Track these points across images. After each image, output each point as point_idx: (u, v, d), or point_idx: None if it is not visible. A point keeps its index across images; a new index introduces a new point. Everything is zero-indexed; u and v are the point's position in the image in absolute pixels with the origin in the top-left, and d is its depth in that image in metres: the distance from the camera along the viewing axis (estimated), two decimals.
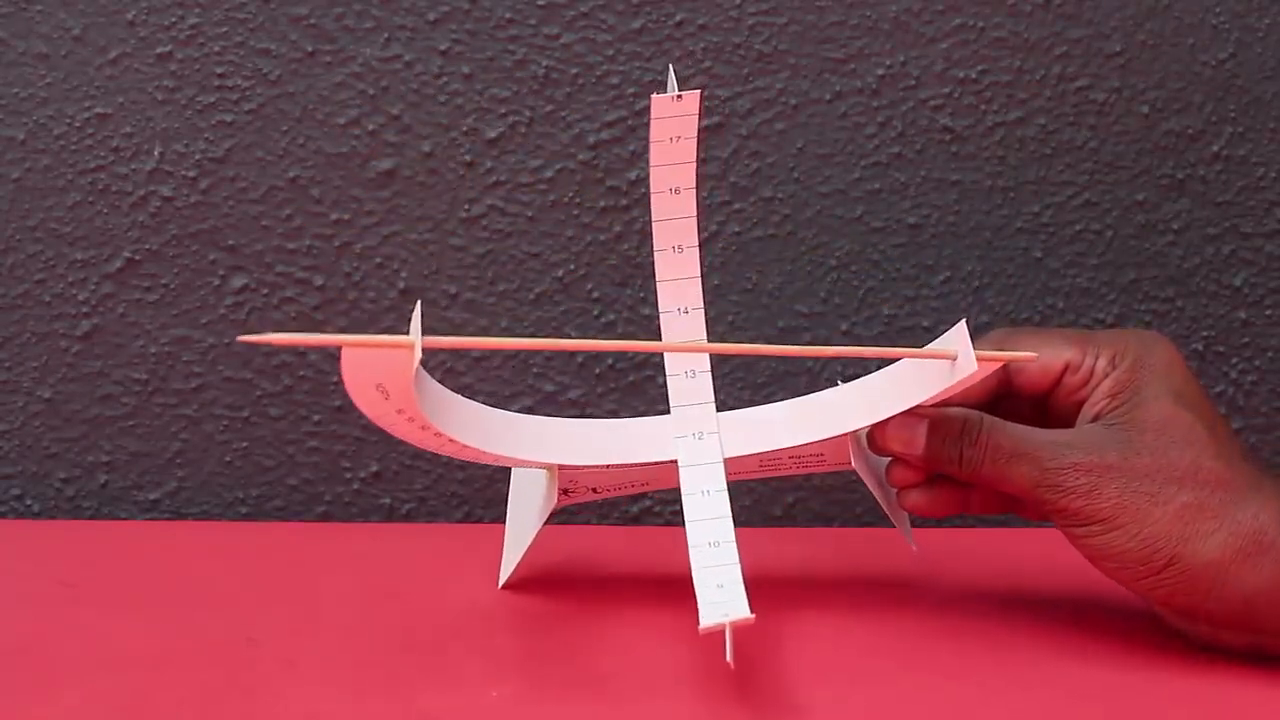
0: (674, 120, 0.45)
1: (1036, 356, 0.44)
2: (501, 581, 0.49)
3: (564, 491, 0.47)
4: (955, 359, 0.43)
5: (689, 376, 0.47)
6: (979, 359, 0.42)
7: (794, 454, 0.47)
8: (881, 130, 0.60)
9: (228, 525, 0.60)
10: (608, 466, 0.46)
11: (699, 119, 0.45)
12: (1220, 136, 0.61)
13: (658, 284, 0.47)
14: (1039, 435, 0.43)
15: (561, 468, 0.46)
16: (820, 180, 0.60)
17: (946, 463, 0.44)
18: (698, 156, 0.46)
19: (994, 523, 0.62)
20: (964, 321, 0.43)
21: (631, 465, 0.46)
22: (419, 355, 0.36)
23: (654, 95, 0.45)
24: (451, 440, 0.41)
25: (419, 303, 0.40)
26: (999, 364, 0.43)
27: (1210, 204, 0.61)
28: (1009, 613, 0.48)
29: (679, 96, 0.45)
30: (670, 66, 0.47)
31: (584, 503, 0.47)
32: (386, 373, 0.36)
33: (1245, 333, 0.62)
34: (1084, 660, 0.44)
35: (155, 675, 0.41)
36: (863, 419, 0.46)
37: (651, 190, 0.46)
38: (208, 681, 0.41)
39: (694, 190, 0.46)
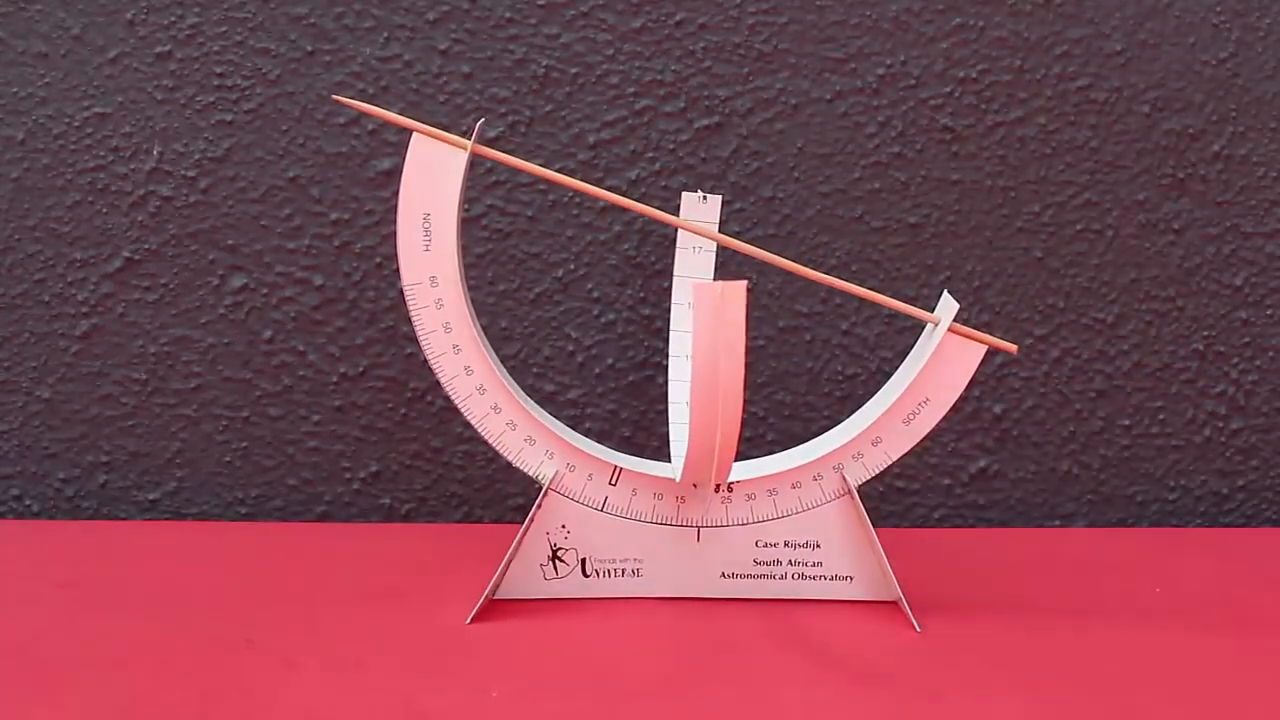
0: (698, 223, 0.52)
1: (1016, 349, 0.48)
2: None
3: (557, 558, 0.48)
4: (937, 323, 0.47)
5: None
6: (958, 331, 0.47)
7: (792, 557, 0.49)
8: (881, 130, 0.60)
9: (228, 525, 0.60)
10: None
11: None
12: (1220, 136, 0.61)
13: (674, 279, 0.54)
14: None
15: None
16: (820, 180, 0.60)
17: None
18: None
19: (996, 522, 0.62)
20: (948, 294, 0.48)
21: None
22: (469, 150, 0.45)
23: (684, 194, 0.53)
24: None
25: (483, 120, 0.53)
26: (979, 344, 0.47)
27: (1210, 204, 0.61)
28: (1007, 614, 0.49)
29: (704, 198, 0.53)
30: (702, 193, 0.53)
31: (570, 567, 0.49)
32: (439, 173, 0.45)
33: (1246, 332, 0.62)
34: (1082, 660, 0.44)
35: (155, 675, 0.41)
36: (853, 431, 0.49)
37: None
38: (208, 681, 0.41)
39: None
